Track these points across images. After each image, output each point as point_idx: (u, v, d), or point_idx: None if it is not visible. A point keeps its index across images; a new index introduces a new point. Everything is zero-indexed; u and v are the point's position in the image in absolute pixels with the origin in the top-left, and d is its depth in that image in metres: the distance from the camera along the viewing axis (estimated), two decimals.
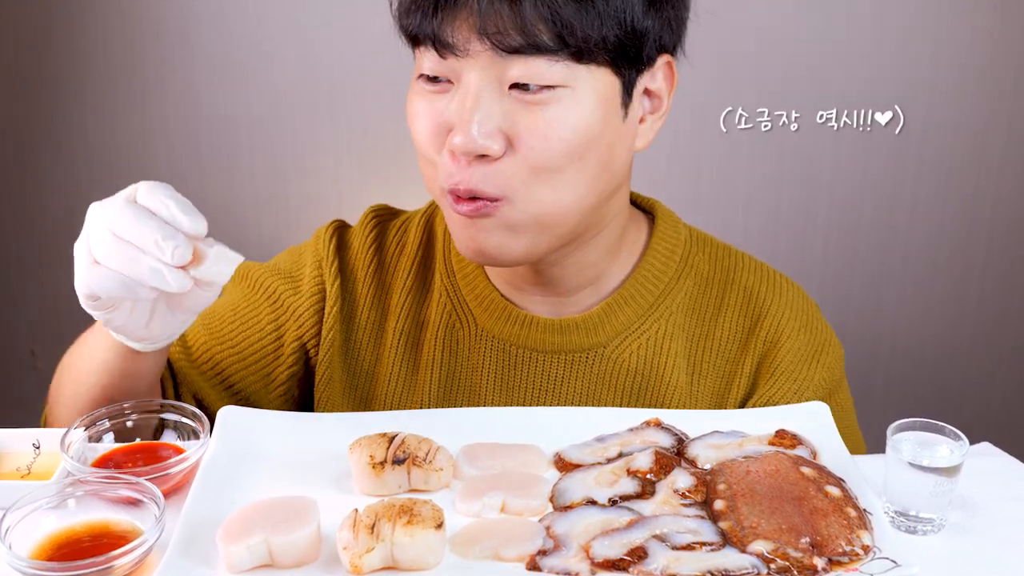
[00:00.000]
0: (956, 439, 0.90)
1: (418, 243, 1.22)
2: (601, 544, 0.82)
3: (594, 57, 0.99)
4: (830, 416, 0.99)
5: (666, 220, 1.20)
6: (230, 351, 1.19)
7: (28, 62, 2.22)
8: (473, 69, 0.98)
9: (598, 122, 1.01)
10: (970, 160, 2.22)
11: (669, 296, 1.16)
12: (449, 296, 1.18)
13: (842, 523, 0.83)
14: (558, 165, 1.00)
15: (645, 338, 1.14)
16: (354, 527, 0.80)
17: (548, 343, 1.14)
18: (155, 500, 0.86)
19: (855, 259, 2.30)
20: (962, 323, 2.35)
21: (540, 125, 0.99)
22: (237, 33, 2.19)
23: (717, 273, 1.18)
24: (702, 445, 0.95)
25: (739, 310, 1.17)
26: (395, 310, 1.19)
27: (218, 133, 2.26)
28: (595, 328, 1.14)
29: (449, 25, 0.97)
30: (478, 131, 0.98)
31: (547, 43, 0.96)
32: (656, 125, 1.09)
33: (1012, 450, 1.05)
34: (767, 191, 2.24)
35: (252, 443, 0.96)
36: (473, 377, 1.16)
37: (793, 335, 1.15)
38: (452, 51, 0.98)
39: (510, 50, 0.96)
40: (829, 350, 1.17)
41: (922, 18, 2.12)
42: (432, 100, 1.02)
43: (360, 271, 1.21)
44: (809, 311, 1.19)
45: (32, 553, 0.84)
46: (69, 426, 0.98)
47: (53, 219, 2.35)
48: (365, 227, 1.23)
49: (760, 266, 1.21)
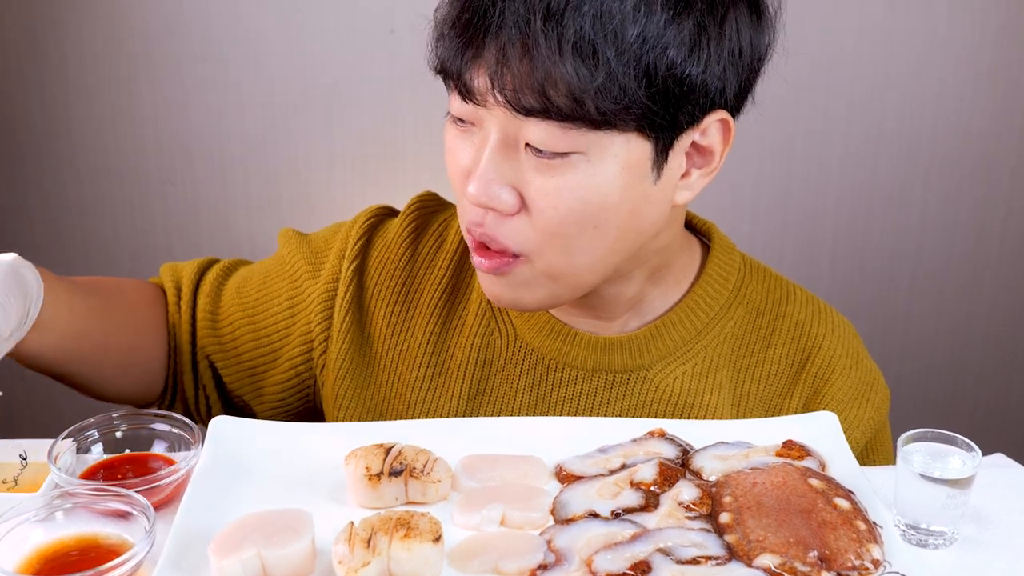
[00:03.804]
0: (969, 450, 0.90)
1: (459, 241, 1.19)
2: (604, 558, 0.82)
3: (616, 123, 0.93)
4: (839, 426, 0.99)
5: (722, 247, 1.18)
6: (248, 319, 1.19)
7: (18, 65, 2.23)
8: (492, 121, 0.96)
9: (616, 191, 0.96)
10: (981, 163, 2.22)
11: (719, 324, 1.14)
12: (490, 303, 1.16)
13: (851, 536, 0.83)
14: (569, 232, 0.98)
15: (691, 364, 1.13)
16: (350, 540, 0.80)
17: (589, 361, 1.13)
18: (145, 513, 0.86)
19: (864, 263, 2.31)
20: (974, 330, 2.35)
21: (551, 190, 0.96)
22: (230, 36, 2.19)
23: (769, 304, 1.17)
24: (707, 456, 0.95)
25: (790, 343, 1.15)
26: (426, 308, 1.18)
27: (210, 136, 2.26)
28: (639, 350, 1.12)
29: (474, 73, 0.95)
30: (488, 186, 0.97)
31: (562, 108, 0.92)
32: (702, 182, 1.03)
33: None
34: (775, 193, 2.25)
35: (245, 454, 0.96)
36: (506, 388, 1.14)
37: (844, 373, 1.15)
38: (472, 98, 0.96)
39: (524, 112, 0.93)
40: (878, 389, 1.18)
41: (933, 20, 2.13)
42: (459, 139, 1.01)
43: (390, 264, 1.19)
44: (859, 349, 1.19)
45: (19, 567, 0.83)
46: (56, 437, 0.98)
47: (43, 223, 2.35)
48: (405, 219, 1.21)
49: (811, 299, 1.20)
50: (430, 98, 2.15)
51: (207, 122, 2.25)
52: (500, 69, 0.92)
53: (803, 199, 2.26)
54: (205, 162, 2.28)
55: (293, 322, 1.19)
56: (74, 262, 2.37)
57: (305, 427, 1.01)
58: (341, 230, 1.22)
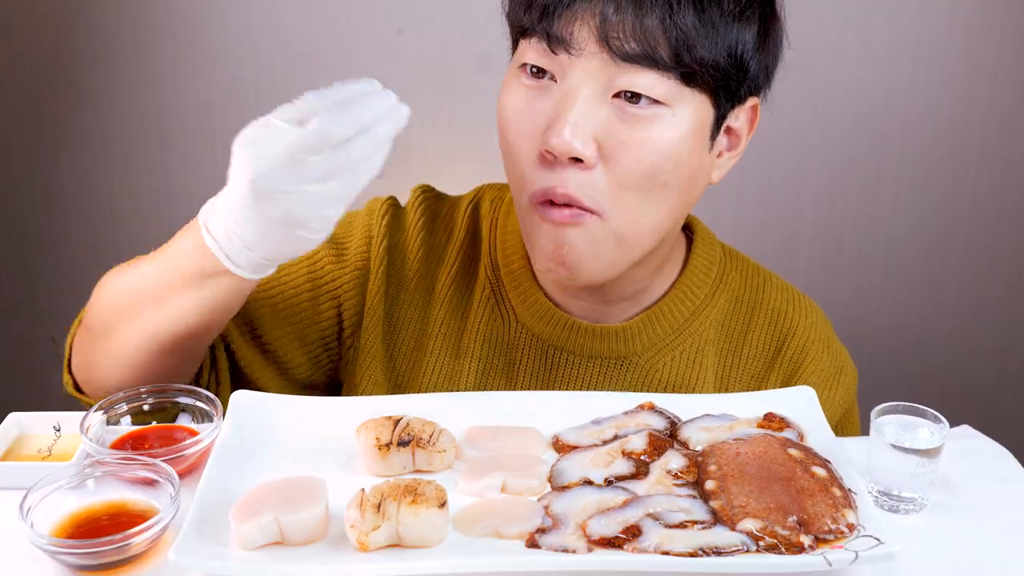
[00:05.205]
0: (937, 422, 0.90)
1: (465, 231, 1.18)
2: (597, 522, 0.82)
3: (700, 82, 0.95)
4: (816, 400, 0.99)
5: (704, 237, 1.18)
6: (265, 299, 1.14)
7: (48, 65, 2.22)
8: (582, 70, 0.94)
9: (687, 150, 0.97)
10: (949, 152, 2.21)
11: (704, 312, 1.14)
12: (493, 290, 1.15)
13: (828, 502, 0.83)
14: (640, 187, 0.97)
15: (679, 351, 1.13)
16: (361, 506, 0.80)
17: (587, 348, 1.12)
18: (170, 480, 0.86)
19: (840, 248, 2.30)
20: (943, 310, 2.35)
21: (634, 141, 0.95)
22: (243, 37, 2.18)
23: (747, 292, 1.17)
24: (694, 428, 0.95)
25: (767, 329, 1.16)
26: (439, 296, 1.16)
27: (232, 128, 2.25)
28: (633, 338, 1.12)
29: (569, 23, 0.93)
30: (574, 132, 0.93)
31: (663, 57, 0.92)
32: (731, 163, 1.06)
33: (991, 432, 1.05)
34: (757, 184, 2.24)
35: (263, 426, 0.96)
36: (509, 372, 1.14)
37: (817, 357, 1.15)
38: (566, 48, 0.93)
39: (626, 58, 0.92)
40: (847, 371, 1.18)
41: (906, 18, 2.11)
42: (531, 99, 0.97)
43: (411, 252, 1.16)
44: (830, 333, 1.19)
45: (52, 531, 0.84)
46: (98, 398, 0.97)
47: (73, 210, 2.35)
48: (416, 208, 1.18)
49: (786, 287, 1.20)
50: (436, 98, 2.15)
51: (222, 118, 2.25)
52: (609, 15, 0.91)
53: (784, 185, 2.26)
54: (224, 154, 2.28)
55: (317, 303, 1.14)
56: (103, 246, 2.36)
57: (319, 401, 1.01)
58: (358, 217, 1.18)
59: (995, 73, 2.15)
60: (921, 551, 0.85)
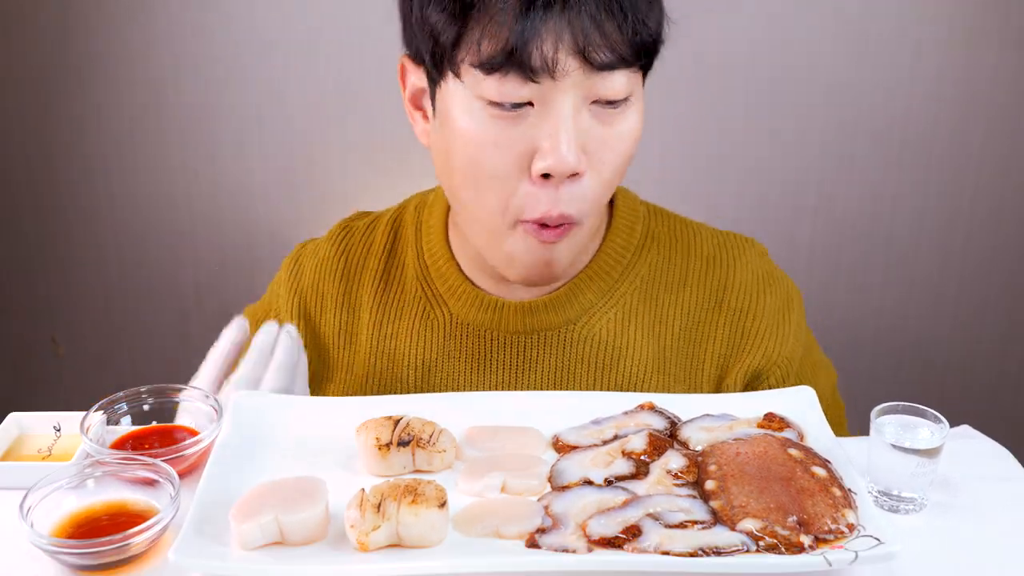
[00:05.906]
0: (937, 422, 0.90)
1: (385, 239, 1.21)
2: (597, 522, 0.82)
3: (648, 64, 1.00)
4: (816, 400, 0.98)
5: (624, 196, 1.18)
6: None
7: (48, 66, 2.22)
8: (563, 90, 0.94)
9: (640, 127, 1.01)
10: (949, 152, 2.21)
11: (633, 269, 1.15)
12: (423, 290, 1.17)
13: (828, 502, 0.83)
14: (615, 178, 1.01)
15: (613, 312, 1.13)
16: (361, 506, 0.80)
17: (520, 324, 1.13)
18: (171, 480, 0.86)
19: (840, 248, 2.30)
20: (943, 310, 2.35)
21: (611, 138, 0.98)
22: (248, 31, 2.18)
23: (678, 243, 1.17)
24: (694, 428, 0.95)
25: (702, 279, 1.15)
26: (367, 304, 1.19)
27: (230, 129, 2.25)
28: (563, 306, 1.13)
29: (537, 50, 0.92)
30: (570, 150, 0.95)
31: (629, 56, 0.95)
32: None
33: (991, 432, 1.04)
34: (758, 182, 2.24)
35: (263, 426, 0.96)
36: (449, 364, 1.15)
37: (760, 298, 1.15)
38: (550, 74, 0.93)
39: (600, 67, 0.93)
40: (794, 298, 1.18)
41: (906, 18, 2.11)
42: (505, 128, 0.96)
43: (326, 280, 1.21)
44: (768, 266, 1.18)
45: (52, 531, 0.84)
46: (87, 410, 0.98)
47: (74, 211, 2.35)
48: (332, 237, 1.24)
49: (716, 232, 1.19)
50: None
51: (222, 119, 2.25)
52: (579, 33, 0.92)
53: (785, 183, 2.25)
54: (225, 154, 2.28)
55: None
56: (103, 247, 2.37)
57: (319, 401, 1.01)
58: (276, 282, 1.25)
59: (995, 73, 2.15)
60: (921, 551, 0.85)
